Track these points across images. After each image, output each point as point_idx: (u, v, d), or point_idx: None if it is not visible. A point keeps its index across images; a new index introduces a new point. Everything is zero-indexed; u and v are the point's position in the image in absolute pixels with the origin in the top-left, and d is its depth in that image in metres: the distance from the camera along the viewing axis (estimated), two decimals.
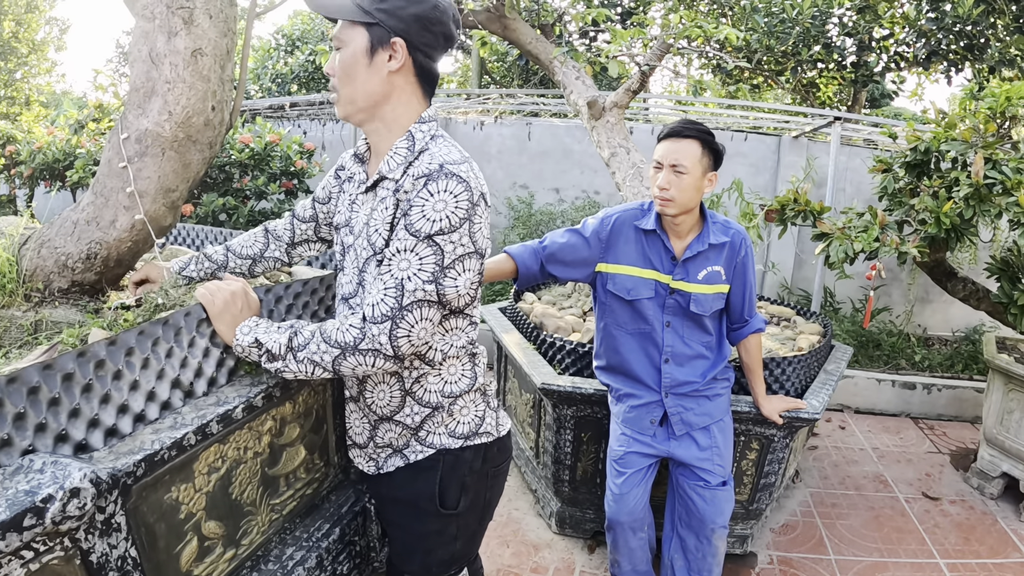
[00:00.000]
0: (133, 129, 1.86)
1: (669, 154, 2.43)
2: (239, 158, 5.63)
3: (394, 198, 1.54)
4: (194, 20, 1.84)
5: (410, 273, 1.46)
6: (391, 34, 1.50)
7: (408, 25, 1.51)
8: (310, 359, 1.50)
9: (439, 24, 1.55)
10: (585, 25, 5.11)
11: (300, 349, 1.51)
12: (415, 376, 1.66)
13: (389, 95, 1.57)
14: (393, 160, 1.57)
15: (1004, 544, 3.55)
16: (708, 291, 2.54)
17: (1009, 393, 3.90)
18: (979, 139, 3.49)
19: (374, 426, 1.73)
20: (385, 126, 1.61)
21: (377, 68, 1.53)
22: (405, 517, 1.79)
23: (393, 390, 1.67)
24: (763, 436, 3.02)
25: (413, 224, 1.46)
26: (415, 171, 1.50)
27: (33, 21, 16.18)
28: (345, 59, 1.54)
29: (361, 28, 1.51)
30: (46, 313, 1.83)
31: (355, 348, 1.48)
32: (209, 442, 1.46)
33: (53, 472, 1.11)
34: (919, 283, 6.65)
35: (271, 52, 11.87)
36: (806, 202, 3.72)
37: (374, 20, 1.49)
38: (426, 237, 1.45)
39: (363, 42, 1.51)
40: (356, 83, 1.55)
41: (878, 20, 8.03)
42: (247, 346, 1.55)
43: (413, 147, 1.56)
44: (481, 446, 1.76)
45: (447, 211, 1.46)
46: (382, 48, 1.52)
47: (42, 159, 5.92)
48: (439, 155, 1.51)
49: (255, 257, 1.99)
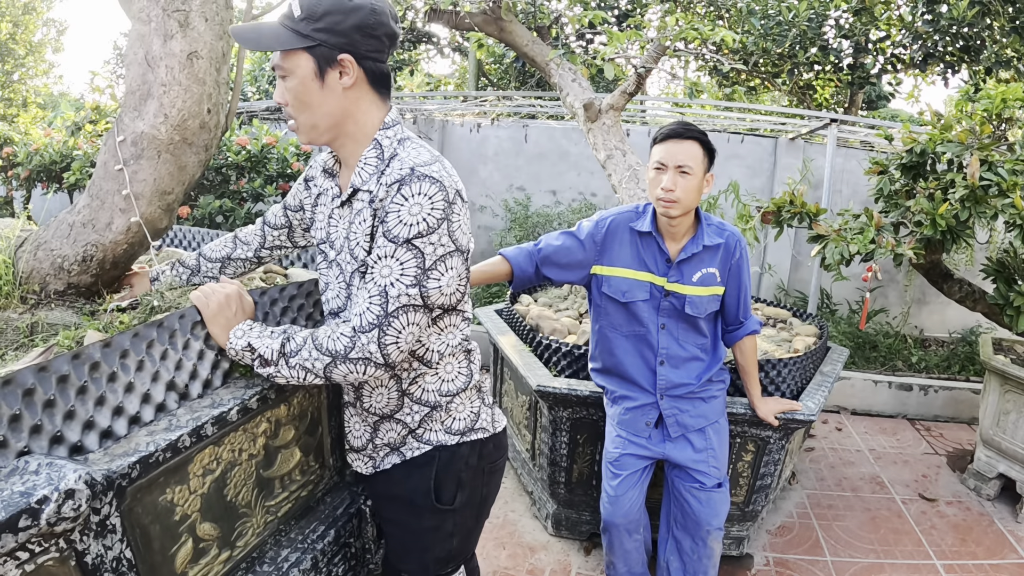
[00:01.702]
0: (129, 132, 1.86)
1: (673, 155, 2.42)
2: (236, 160, 5.63)
3: (370, 208, 1.53)
4: (190, 23, 1.84)
5: (392, 279, 1.47)
6: (336, 51, 1.47)
7: (350, 37, 1.48)
8: (302, 365, 1.51)
9: (380, 27, 1.51)
10: (582, 27, 5.12)
11: (292, 355, 1.51)
12: (412, 377, 1.67)
13: (349, 111, 1.55)
14: (364, 171, 1.56)
15: (1001, 545, 3.55)
16: (703, 293, 2.54)
17: (1005, 394, 3.91)
18: (975, 141, 3.50)
19: (374, 427, 1.74)
20: (351, 140, 1.60)
21: (331, 88, 1.51)
22: (401, 514, 1.80)
23: (391, 392, 1.68)
24: (759, 438, 3.02)
25: (391, 230, 1.46)
26: (387, 179, 1.49)
27: (31, 23, 16.13)
28: (295, 88, 1.51)
29: (303, 53, 1.48)
30: (42, 315, 1.83)
31: (345, 357, 1.49)
32: (204, 444, 1.46)
33: (48, 474, 1.11)
34: (916, 285, 6.66)
35: (268, 54, 11.85)
36: (802, 204, 3.73)
37: (315, 42, 1.46)
38: (405, 242, 1.45)
39: (309, 67, 1.48)
40: (313, 108, 1.53)
41: (874, 22, 8.04)
42: (240, 350, 1.56)
43: (382, 155, 1.56)
44: (477, 442, 1.78)
45: (423, 214, 1.45)
46: (330, 68, 1.49)
47: (39, 161, 5.91)
48: (409, 159, 1.51)
49: (223, 260, 1.99)
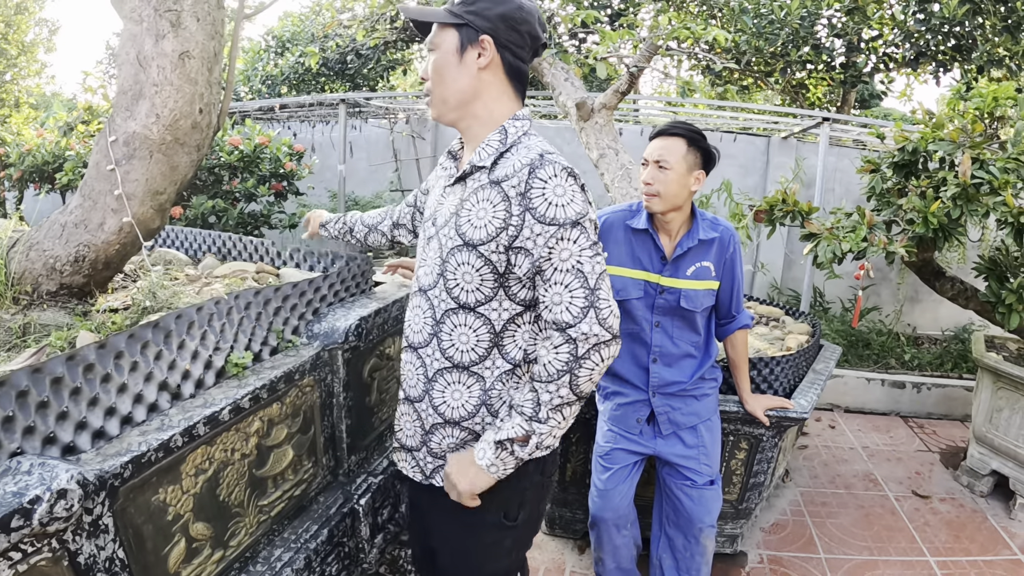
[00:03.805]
0: (121, 132, 1.86)
1: (655, 151, 2.48)
2: (228, 160, 5.61)
3: (494, 189, 1.53)
4: (182, 23, 1.84)
5: (578, 257, 1.48)
6: (479, 32, 1.55)
7: (495, 24, 1.55)
8: (552, 408, 1.51)
9: (524, 23, 1.59)
10: (574, 27, 5.12)
11: (536, 412, 1.52)
12: (496, 376, 1.63)
13: (480, 92, 1.60)
14: (484, 151, 1.58)
15: (994, 541, 3.57)
16: (698, 287, 2.55)
17: (998, 391, 3.93)
18: (966, 139, 3.51)
19: (429, 431, 1.70)
20: (479, 123, 1.63)
21: (467, 66, 1.57)
22: (458, 529, 1.74)
23: (471, 395, 1.64)
24: (752, 436, 3.03)
25: (544, 213, 1.46)
26: (515, 160, 1.52)
27: (23, 22, 16.07)
28: (437, 60, 1.59)
29: (452, 30, 1.57)
30: (35, 316, 1.83)
31: (578, 361, 1.47)
32: (196, 444, 1.46)
33: (41, 474, 1.11)
34: (908, 282, 6.67)
35: (261, 54, 11.82)
36: (794, 203, 3.74)
37: (463, 21, 1.55)
38: (571, 224, 1.47)
39: (453, 42, 1.57)
40: (447, 82, 1.59)
41: (866, 21, 8.06)
42: (497, 460, 1.56)
43: (505, 140, 1.58)
44: (541, 459, 1.70)
45: (569, 195, 1.48)
46: (471, 46, 1.56)
47: (31, 161, 5.89)
48: (535, 146, 1.54)
49: (371, 227, 2.19)
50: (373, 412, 2.29)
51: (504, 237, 1.49)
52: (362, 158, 8.69)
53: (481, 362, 1.60)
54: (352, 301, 2.21)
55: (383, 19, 5.80)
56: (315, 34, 10.48)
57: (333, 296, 2.14)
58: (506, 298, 1.56)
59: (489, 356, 1.60)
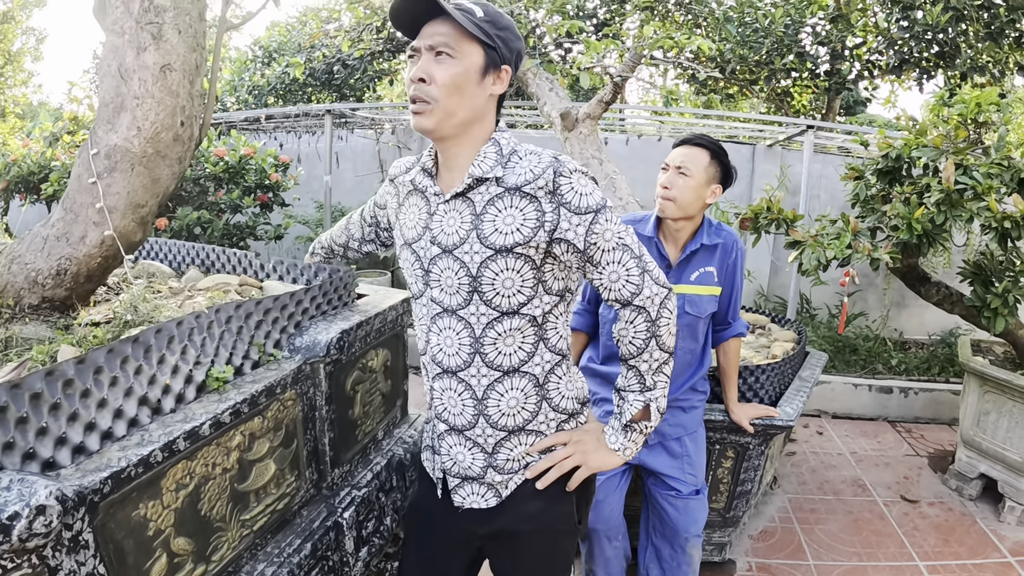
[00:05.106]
0: (103, 144, 1.85)
1: (678, 157, 2.52)
2: (214, 171, 5.60)
3: (515, 195, 1.51)
4: (163, 35, 1.84)
5: (619, 234, 1.56)
6: (502, 61, 1.55)
7: (513, 56, 1.58)
8: (654, 372, 1.65)
9: (521, 62, 1.63)
10: (559, 36, 5.14)
11: (643, 382, 1.66)
12: (547, 370, 1.64)
13: (484, 115, 1.58)
14: (484, 163, 1.55)
15: (983, 545, 3.59)
16: (702, 292, 2.56)
17: (985, 395, 3.95)
18: (950, 145, 3.54)
19: (493, 452, 1.65)
20: (469, 142, 1.59)
21: (485, 88, 1.54)
22: (542, 545, 1.71)
23: (527, 390, 1.62)
24: (738, 444, 3.03)
25: (579, 205, 1.50)
26: (530, 166, 1.52)
27: (9, 31, 16.04)
28: (457, 73, 1.49)
29: (478, 47, 1.51)
30: (16, 329, 1.82)
31: (654, 323, 1.61)
32: (176, 459, 1.45)
33: (19, 490, 1.10)
34: (894, 288, 6.70)
35: (248, 64, 11.79)
36: (779, 210, 3.75)
37: (492, 44, 1.51)
38: (600, 207, 1.53)
39: (479, 60, 1.51)
40: (465, 97, 1.52)
41: (850, 29, 8.12)
42: (628, 442, 1.70)
43: (502, 151, 1.57)
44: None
45: (590, 187, 1.54)
46: (493, 71, 1.54)
47: (17, 172, 5.86)
48: (538, 151, 1.57)
49: (344, 246, 2.18)
50: (356, 425, 2.28)
51: (542, 234, 1.50)
52: (348, 169, 8.69)
53: (529, 359, 1.60)
54: (334, 314, 2.20)
55: (368, 29, 5.81)
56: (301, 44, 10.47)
57: (315, 309, 2.13)
58: (544, 292, 1.57)
59: (536, 352, 1.61)
